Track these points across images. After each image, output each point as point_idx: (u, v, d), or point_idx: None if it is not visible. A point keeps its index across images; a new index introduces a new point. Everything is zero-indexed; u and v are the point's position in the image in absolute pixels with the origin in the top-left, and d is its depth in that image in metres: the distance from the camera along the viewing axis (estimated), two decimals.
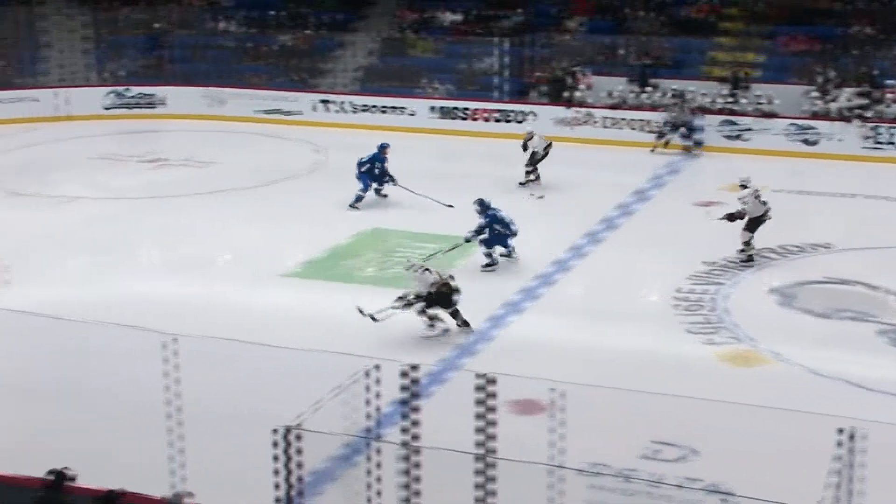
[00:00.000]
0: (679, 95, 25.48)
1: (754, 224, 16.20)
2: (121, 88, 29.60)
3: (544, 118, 26.55)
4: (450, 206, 19.47)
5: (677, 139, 24.93)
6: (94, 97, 29.17)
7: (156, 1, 31.73)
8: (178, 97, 29.29)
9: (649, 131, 25.19)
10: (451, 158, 24.92)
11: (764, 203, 16.21)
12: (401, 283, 15.79)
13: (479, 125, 27.20)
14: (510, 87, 28.27)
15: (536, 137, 21.56)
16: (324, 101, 28.61)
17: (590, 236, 18.16)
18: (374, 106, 28.18)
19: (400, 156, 24.64)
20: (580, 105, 26.58)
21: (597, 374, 12.29)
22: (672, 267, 16.24)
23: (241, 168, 23.47)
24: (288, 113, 28.46)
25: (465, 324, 13.68)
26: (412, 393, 7.75)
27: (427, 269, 13.54)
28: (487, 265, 16.48)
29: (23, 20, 30.91)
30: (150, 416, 9.22)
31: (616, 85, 26.96)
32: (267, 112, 28.49)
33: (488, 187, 21.60)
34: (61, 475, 7.90)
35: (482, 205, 16.65)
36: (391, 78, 29.61)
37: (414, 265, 13.73)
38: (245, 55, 30.92)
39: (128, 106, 29.47)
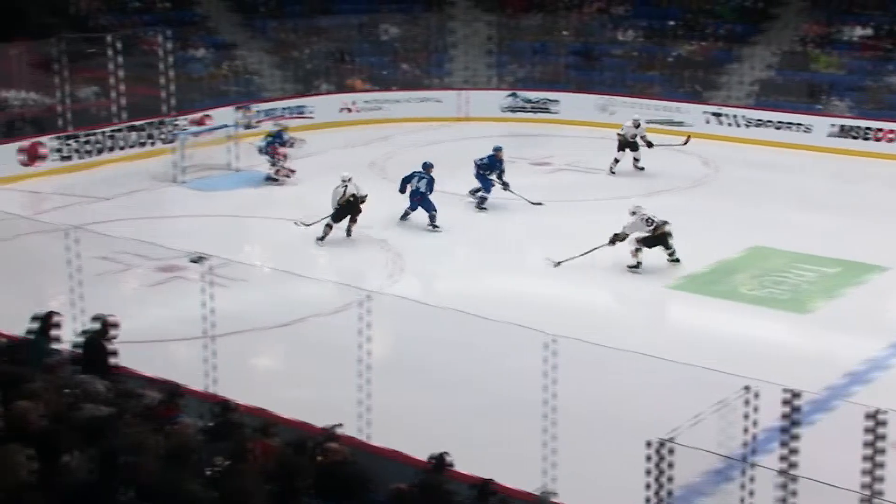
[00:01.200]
0: None
1: (649, 241, 16.79)
2: (517, 93, 30.53)
3: None
4: (540, 204, 20.47)
5: None
6: (492, 100, 30.30)
7: (557, 8, 32.43)
8: (571, 103, 29.81)
9: None
10: (849, 180, 23.73)
11: (651, 223, 16.77)
12: (782, 306, 15.31)
13: (884, 146, 25.68)
14: None
15: None
16: (716, 114, 28.10)
17: None
18: (769, 121, 27.33)
19: (793, 174, 23.89)
20: None
21: None
22: None
23: (629, 176, 23.51)
24: (679, 124, 28.14)
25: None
26: (793, 420, 7.45)
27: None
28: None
29: (433, 26, 32.61)
30: (527, 412, 9.42)
31: None
32: (658, 122, 28.34)
33: (890, 213, 20.49)
34: (442, 459, 8.24)
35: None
36: (788, 93, 28.61)
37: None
38: (640, 64, 30.96)
39: (522, 110, 30.36)
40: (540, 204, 20.51)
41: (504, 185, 20.57)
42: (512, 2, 33.05)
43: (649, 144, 23.69)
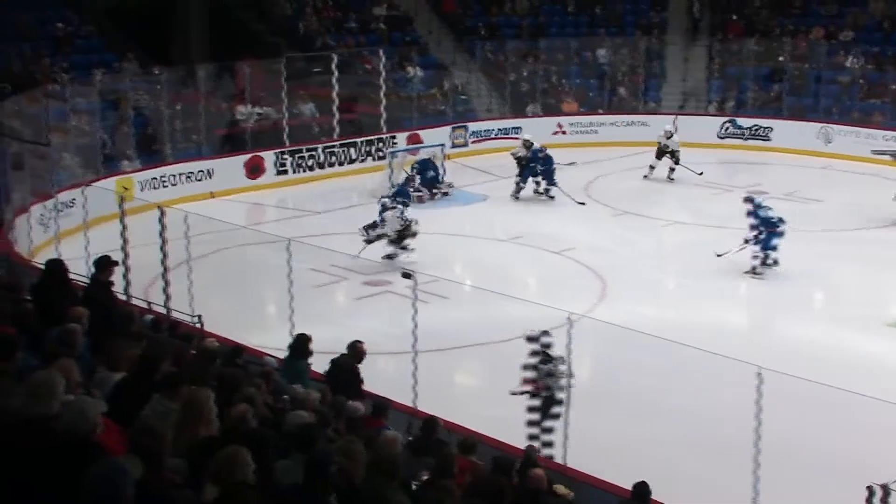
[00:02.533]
0: None
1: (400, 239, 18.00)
2: (734, 118, 29.78)
3: None
4: (582, 203, 21.35)
5: None
6: (706, 126, 29.63)
7: (781, 34, 31.47)
8: (787, 130, 28.85)
9: None
10: None
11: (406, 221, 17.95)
12: None
13: None
14: None
15: None
16: None
17: None
18: None
19: None
20: None
21: None
22: None
23: (843, 206, 22.57)
24: None
25: None
26: None
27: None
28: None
29: (644, 49, 32.20)
30: (733, 447, 9.10)
31: None
32: (882, 153, 27.05)
33: None
34: (644, 487, 8.07)
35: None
36: None
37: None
38: (863, 91, 29.71)
39: (735, 136, 29.59)
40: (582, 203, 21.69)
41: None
42: (732, 27, 32.34)
43: (676, 160, 24.83)
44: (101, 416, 5.28)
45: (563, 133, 29.51)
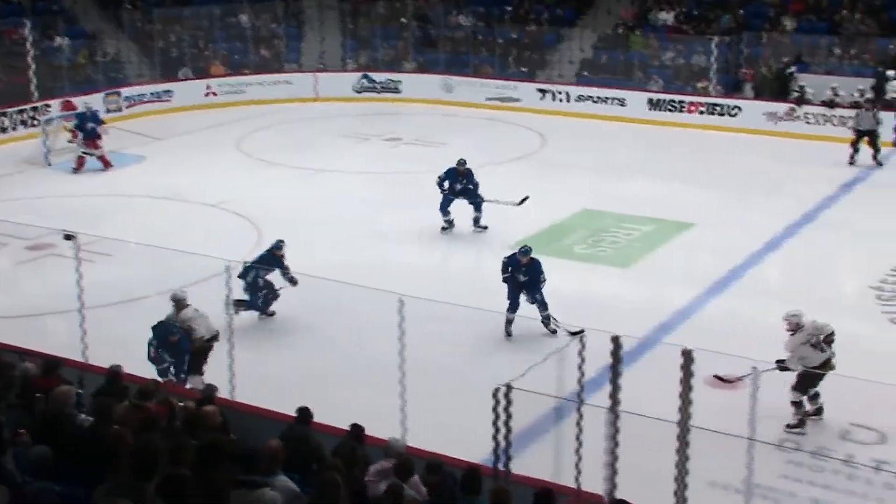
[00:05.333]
0: (869, 101, 23.78)
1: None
2: (367, 74, 30.37)
3: (754, 113, 25.66)
4: (524, 201, 17.18)
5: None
6: (343, 81, 30.06)
7: None
8: (414, 83, 29.86)
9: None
10: (662, 147, 24.40)
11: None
12: (609, 262, 15.76)
13: (690, 117, 26.52)
14: (722, 83, 27.46)
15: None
16: (545, 91, 28.51)
17: (793, 225, 17.51)
18: (592, 97, 27.90)
19: (615, 143, 24.47)
20: (795, 101, 25.44)
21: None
22: (877, 258, 15.46)
23: (469, 149, 23.65)
24: (513, 100, 28.54)
25: None
26: (618, 361, 7.65)
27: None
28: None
29: (281, 13, 32.15)
30: (385, 368, 9.40)
31: (833, 83, 25.48)
32: (495, 99, 28.67)
33: (696, 176, 21.21)
34: (307, 412, 8.25)
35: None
36: (608, 71, 29.25)
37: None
38: (476, 47, 31.13)
39: (370, 90, 30.23)
40: (525, 201, 17.33)
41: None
42: None
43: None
44: None
45: (213, 94, 29.01)
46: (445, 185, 17.18)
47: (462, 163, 17.32)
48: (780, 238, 16.82)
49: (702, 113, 26.43)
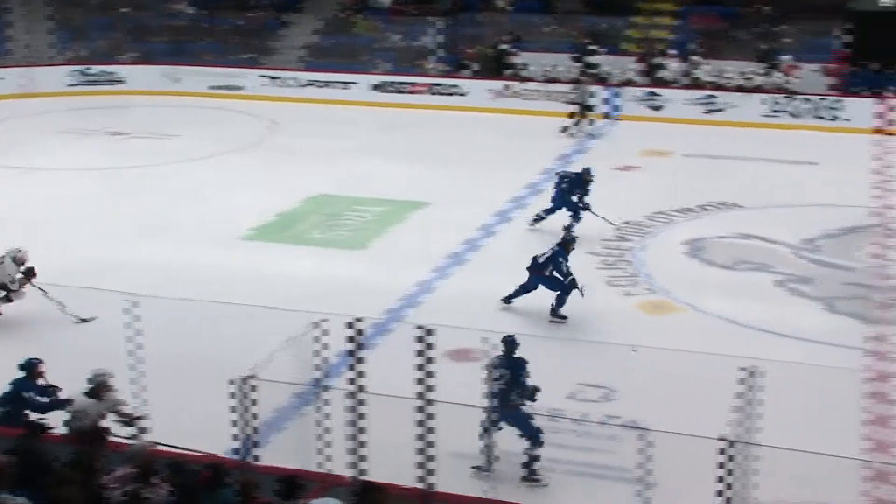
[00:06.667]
0: (589, 75, 25.20)
1: None
2: (83, 67, 28.97)
3: (477, 91, 26.53)
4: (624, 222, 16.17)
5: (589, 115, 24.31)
6: (56, 75, 28.53)
7: None
8: (137, 75, 28.78)
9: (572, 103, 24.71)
10: (392, 128, 24.76)
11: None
12: (345, 245, 15.86)
13: (417, 98, 27.08)
14: (445, 63, 28.18)
15: None
16: (272, 77, 28.27)
17: (519, 197, 18.24)
18: (320, 81, 27.91)
19: (345, 127, 24.61)
20: (514, 79, 26.50)
21: (526, 324, 12.43)
22: (593, 226, 16.37)
23: (198, 139, 23.18)
24: (240, 88, 28.11)
25: None
26: (358, 344, 7.75)
27: None
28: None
29: None
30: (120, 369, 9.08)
31: (548, 60, 26.75)
32: (221, 87, 28.14)
33: (426, 155, 21.70)
34: (36, 424, 7.85)
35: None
36: (335, 55, 29.33)
37: None
38: (197, 35, 30.40)
39: (88, 83, 28.87)
40: (625, 223, 16.32)
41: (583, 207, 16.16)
42: None
43: None
44: None
45: None
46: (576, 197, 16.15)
47: (588, 171, 16.39)
48: (508, 211, 17.49)
49: (431, 93, 27.03)
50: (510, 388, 8.98)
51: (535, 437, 9.01)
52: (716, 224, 16.43)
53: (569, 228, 15.61)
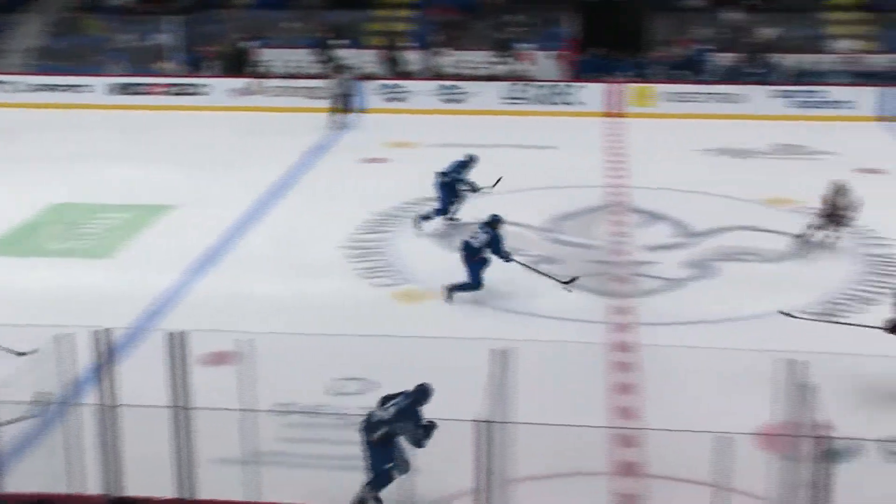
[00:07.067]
0: (338, 68, 25.37)
1: None
2: None
3: (219, 90, 26.06)
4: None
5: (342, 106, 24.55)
6: None
7: None
8: None
9: (321, 97, 24.68)
10: (135, 132, 23.88)
11: None
12: (89, 254, 15.23)
13: (157, 99, 26.28)
14: (185, 62, 27.49)
15: None
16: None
17: (268, 195, 18.09)
18: (51, 85, 26.57)
19: (82, 132, 23.53)
20: (256, 76, 26.20)
21: (282, 323, 12.36)
22: (343, 220, 16.46)
23: None
24: None
25: None
26: (107, 356, 7.46)
27: None
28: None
29: None
30: None
31: (290, 56, 26.59)
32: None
33: (169, 157, 21.14)
34: None
35: None
36: (67, 58, 27.97)
37: None
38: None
39: None
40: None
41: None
42: None
43: None
44: None
45: None
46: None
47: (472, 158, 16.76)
48: (258, 209, 17.32)
49: (172, 94, 26.30)
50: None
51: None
52: (464, 211, 16.83)
53: (453, 214, 16.33)
